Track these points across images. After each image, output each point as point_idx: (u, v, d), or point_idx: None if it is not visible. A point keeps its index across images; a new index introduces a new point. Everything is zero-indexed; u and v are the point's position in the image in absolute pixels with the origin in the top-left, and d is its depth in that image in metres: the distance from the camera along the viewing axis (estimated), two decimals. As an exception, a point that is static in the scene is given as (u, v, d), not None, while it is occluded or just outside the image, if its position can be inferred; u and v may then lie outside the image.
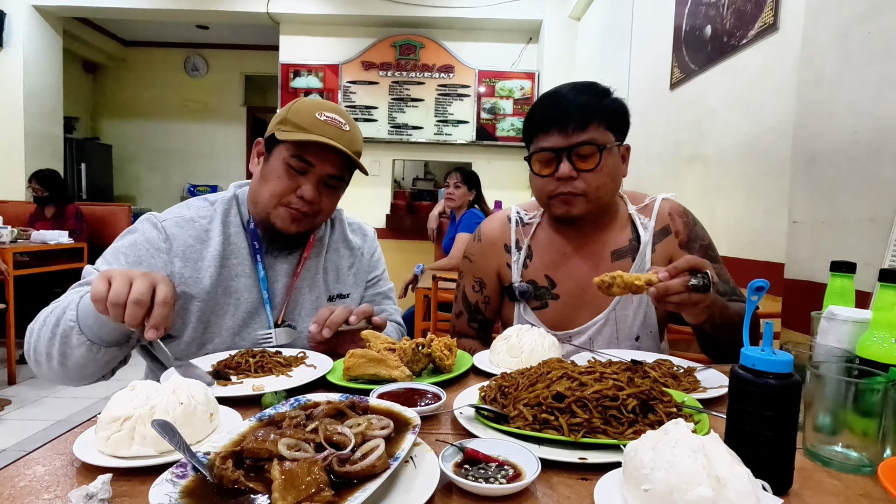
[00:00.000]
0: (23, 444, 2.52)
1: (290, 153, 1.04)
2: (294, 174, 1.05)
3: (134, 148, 7.14)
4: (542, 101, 1.11)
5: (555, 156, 1.07)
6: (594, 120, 1.05)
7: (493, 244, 1.24)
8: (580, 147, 1.05)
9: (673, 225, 1.17)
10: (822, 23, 1.27)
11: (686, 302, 0.88)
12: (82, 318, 0.88)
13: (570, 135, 1.05)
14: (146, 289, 0.81)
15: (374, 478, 0.49)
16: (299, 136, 1.01)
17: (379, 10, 4.89)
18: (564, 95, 1.08)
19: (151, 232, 1.05)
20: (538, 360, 0.86)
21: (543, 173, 1.09)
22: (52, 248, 3.66)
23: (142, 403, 0.61)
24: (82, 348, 0.89)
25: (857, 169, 1.15)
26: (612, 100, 1.09)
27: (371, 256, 1.30)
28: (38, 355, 0.92)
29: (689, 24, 2.56)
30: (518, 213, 1.26)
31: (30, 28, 5.08)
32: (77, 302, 0.90)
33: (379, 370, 0.85)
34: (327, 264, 1.20)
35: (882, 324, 0.68)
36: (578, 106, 1.05)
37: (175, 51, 7.01)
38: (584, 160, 1.06)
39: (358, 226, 1.32)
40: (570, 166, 1.05)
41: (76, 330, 0.88)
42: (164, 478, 0.50)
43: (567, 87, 1.10)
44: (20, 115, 5.03)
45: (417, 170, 6.67)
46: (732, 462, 0.47)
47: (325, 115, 1.05)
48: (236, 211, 1.12)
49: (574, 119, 1.04)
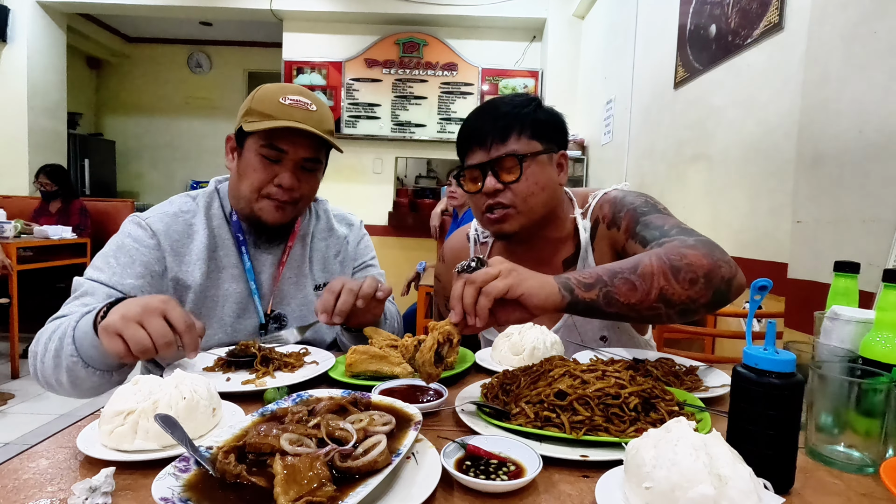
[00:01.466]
0: (26, 438, 2.53)
1: (260, 143, 1.02)
2: (269, 164, 1.04)
3: (137, 144, 7.16)
4: (464, 124, 1.09)
5: (479, 172, 1.05)
6: (513, 131, 1.03)
7: (454, 263, 1.21)
8: (500, 160, 1.03)
9: (601, 215, 1.09)
10: (827, 22, 1.26)
11: (468, 300, 0.69)
12: (84, 352, 0.83)
13: (491, 149, 1.03)
14: (162, 325, 0.76)
15: (376, 473, 0.49)
16: (266, 124, 0.99)
17: (382, 8, 4.88)
18: (483, 111, 1.06)
19: (137, 231, 1.04)
20: (540, 357, 0.86)
21: (472, 190, 1.08)
22: (55, 244, 3.68)
23: (145, 398, 0.61)
24: (94, 377, 0.86)
25: (862, 169, 1.14)
26: (535, 108, 1.06)
27: (357, 244, 1.29)
28: (46, 380, 0.89)
29: (693, 22, 2.55)
30: (476, 230, 1.26)
31: (33, 24, 5.09)
32: (72, 336, 0.84)
33: (381, 367, 0.85)
34: (313, 254, 1.19)
35: (885, 324, 0.68)
36: (496, 119, 1.04)
37: (178, 47, 7.02)
38: (507, 172, 1.03)
39: (343, 216, 1.31)
40: (495, 180, 1.03)
41: (81, 365, 0.84)
42: (167, 471, 0.50)
43: (488, 103, 1.08)
44: (24, 111, 5.04)
45: (420, 167, 6.67)
46: (734, 461, 0.47)
47: (288, 98, 1.03)
48: (218, 204, 1.12)
49: (493, 133, 1.03)
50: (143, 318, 0.75)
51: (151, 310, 0.76)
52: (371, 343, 0.92)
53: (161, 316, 0.76)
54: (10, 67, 5.01)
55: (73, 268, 3.82)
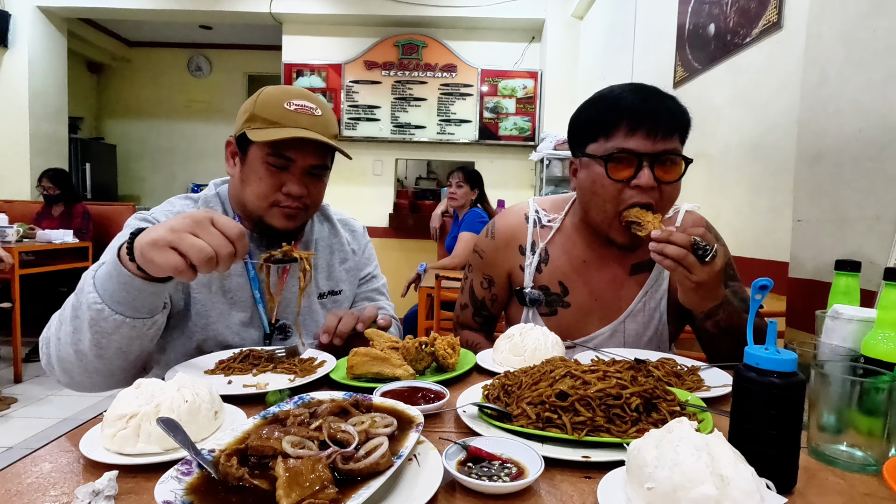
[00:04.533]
0: (29, 442, 2.53)
1: (266, 152, 0.99)
2: (276, 171, 1.01)
3: (138, 148, 7.17)
4: (621, 94, 0.98)
5: (637, 160, 0.95)
6: (677, 130, 0.97)
7: (508, 244, 1.18)
8: (666, 156, 0.95)
9: None
10: (826, 21, 1.26)
11: (681, 261, 0.85)
12: (109, 295, 0.77)
13: (657, 140, 0.94)
14: (218, 233, 0.72)
15: (378, 475, 0.49)
16: (273, 133, 0.96)
17: (381, 10, 4.89)
18: (653, 98, 0.96)
19: (144, 225, 0.98)
20: (541, 358, 0.86)
21: (619, 177, 0.96)
22: (57, 248, 3.68)
23: (147, 401, 0.61)
24: (123, 329, 0.78)
25: (862, 167, 1.14)
26: (688, 115, 1.00)
27: (363, 253, 1.28)
28: (64, 362, 0.83)
29: (692, 22, 2.55)
30: (537, 212, 1.18)
31: (34, 29, 5.11)
32: (91, 283, 0.78)
33: (382, 369, 0.85)
34: (317, 261, 1.17)
35: (887, 322, 0.68)
36: (669, 110, 0.96)
37: (179, 51, 7.04)
38: (669, 171, 0.96)
39: (346, 221, 1.29)
40: (652, 175, 0.95)
41: (106, 311, 0.76)
42: (170, 475, 0.50)
43: (649, 88, 0.99)
44: (25, 116, 5.06)
45: (420, 169, 6.67)
46: (736, 461, 0.47)
47: (294, 103, 0.99)
48: (221, 210, 1.09)
49: (663, 124, 0.95)
50: (196, 228, 0.71)
51: (200, 220, 0.72)
52: (372, 345, 0.92)
53: (212, 224, 0.73)
54: (11, 72, 5.03)
55: (76, 271, 3.82)
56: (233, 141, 1.07)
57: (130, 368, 0.88)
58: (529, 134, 5.09)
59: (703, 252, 0.86)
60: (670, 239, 0.86)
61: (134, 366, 0.88)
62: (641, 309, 1.11)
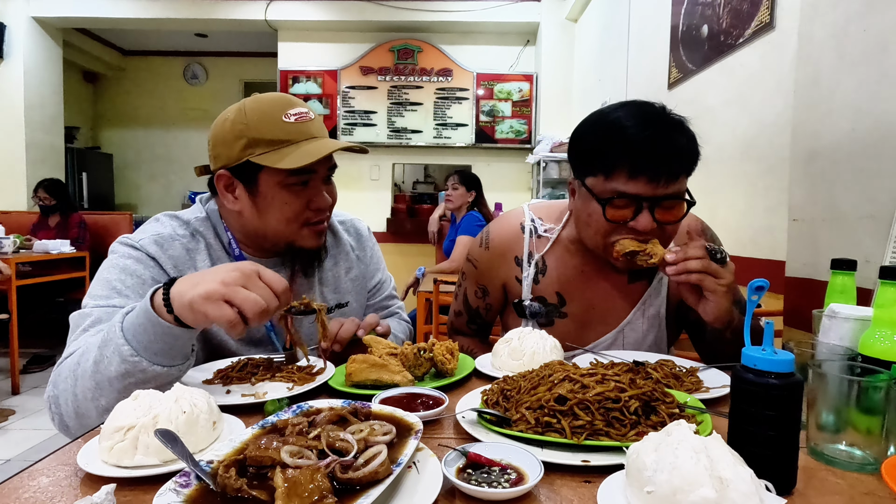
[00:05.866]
0: (27, 455, 2.52)
1: (286, 173, 0.94)
2: (299, 191, 0.97)
3: (134, 156, 7.17)
4: (629, 129, 0.91)
5: (636, 203, 0.92)
6: (684, 170, 0.93)
7: (503, 255, 1.14)
8: (668, 200, 0.92)
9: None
10: (818, 21, 1.27)
11: (707, 270, 0.85)
12: (144, 347, 0.74)
13: (660, 185, 0.90)
14: (265, 287, 0.73)
15: (377, 484, 0.49)
16: (296, 158, 0.91)
17: (376, 16, 4.91)
18: (660, 138, 0.90)
19: (134, 252, 0.94)
20: (540, 362, 0.86)
21: (615, 219, 0.93)
22: (54, 258, 3.67)
23: (144, 413, 0.61)
24: (159, 378, 0.75)
25: (856, 166, 1.15)
26: (696, 144, 0.94)
27: (370, 259, 1.23)
28: (84, 418, 0.78)
29: (685, 23, 2.56)
30: (533, 221, 1.14)
31: (30, 39, 5.11)
32: (120, 335, 0.74)
33: (381, 375, 0.85)
34: (323, 274, 1.13)
35: (884, 321, 0.68)
36: (676, 152, 0.90)
37: (174, 59, 7.05)
38: (669, 213, 0.93)
39: (351, 223, 1.22)
40: (651, 218, 0.92)
41: (144, 363, 0.73)
42: (168, 487, 0.50)
43: (661, 124, 0.92)
44: (21, 126, 5.06)
45: (417, 173, 6.67)
46: (735, 463, 0.47)
47: (290, 114, 0.94)
48: (213, 234, 1.02)
49: (668, 169, 0.90)
50: (246, 281, 0.72)
51: (249, 273, 0.73)
52: (370, 352, 0.92)
53: (259, 278, 0.73)
54: (6, 83, 5.03)
55: (72, 282, 3.81)
56: (225, 174, 0.97)
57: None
58: (526, 137, 5.10)
59: (721, 255, 0.86)
60: (688, 255, 0.86)
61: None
62: (641, 317, 1.11)
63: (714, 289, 0.87)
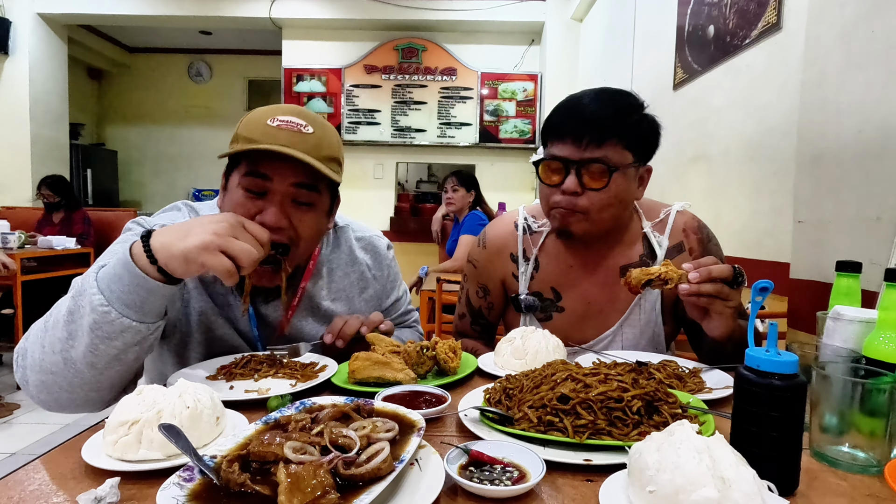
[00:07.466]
0: (32, 448, 2.53)
1: (242, 173, 0.89)
2: (253, 198, 0.88)
3: (139, 153, 7.20)
4: (562, 104, 1.02)
5: (563, 166, 1.00)
6: (612, 137, 0.97)
7: (499, 253, 1.18)
8: (591, 164, 0.98)
9: (687, 242, 1.12)
10: (825, 22, 1.27)
11: (720, 294, 0.85)
12: (116, 297, 0.72)
13: (584, 148, 0.97)
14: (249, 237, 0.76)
15: (380, 480, 0.49)
16: (238, 147, 0.86)
17: (381, 14, 4.91)
18: (587, 105, 0.99)
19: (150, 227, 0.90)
20: (542, 361, 0.86)
21: (549, 182, 1.03)
22: (58, 254, 3.69)
23: (149, 407, 0.61)
24: (127, 333, 0.73)
25: (862, 168, 1.14)
26: (640, 118, 1.00)
27: (388, 279, 1.17)
28: (45, 373, 0.76)
29: (691, 24, 2.55)
30: (526, 219, 1.19)
31: (35, 36, 5.14)
32: (94, 285, 0.73)
33: (384, 373, 0.85)
34: (334, 294, 1.08)
35: (888, 323, 0.68)
36: (599, 119, 0.97)
37: (179, 56, 7.07)
38: (593, 178, 0.99)
39: (368, 241, 1.16)
40: (577, 181, 0.99)
41: (113, 314, 0.71)
42: (172, 481, 0.50)
43: (592, 95, 1.00)
44: (26, 122, 5.08)
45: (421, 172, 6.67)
46: (737, 463, 0.47)
47: (278, 119, 0.89)
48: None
49: (591, 132, 0.97)
50: (236, 231, 0.75)
51: (235, 224, 0.76)
52: (373, 349, 0.92)
53: (244, 228, 0.77)
54: (12, 79, 5.06)
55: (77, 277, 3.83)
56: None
57: (115, 386, 0.81)
58: (530, 136, 5.10)
59: (742, 278, 0.86)
60: (711, 276, 0.85)
61: (119, 384, 0.82)
62: (637, 313, 1.12)
63: (721, 311, 0.89)
